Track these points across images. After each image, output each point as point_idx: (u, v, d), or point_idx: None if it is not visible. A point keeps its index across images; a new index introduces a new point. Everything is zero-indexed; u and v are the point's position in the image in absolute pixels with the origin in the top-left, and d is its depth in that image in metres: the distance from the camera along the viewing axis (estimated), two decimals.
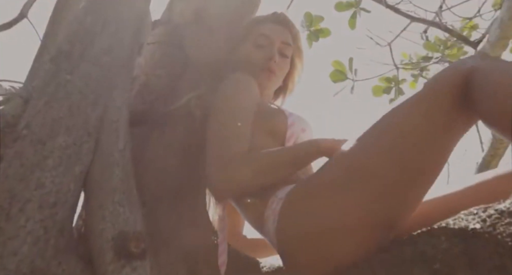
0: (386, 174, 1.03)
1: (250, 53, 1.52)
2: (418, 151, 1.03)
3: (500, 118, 0.93)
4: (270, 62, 1.50)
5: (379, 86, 4.00)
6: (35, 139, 1.08)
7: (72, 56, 1.17)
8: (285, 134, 1.34)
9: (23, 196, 1.02)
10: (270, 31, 1.54)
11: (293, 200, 1.13)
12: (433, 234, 1.02)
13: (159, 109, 1.40)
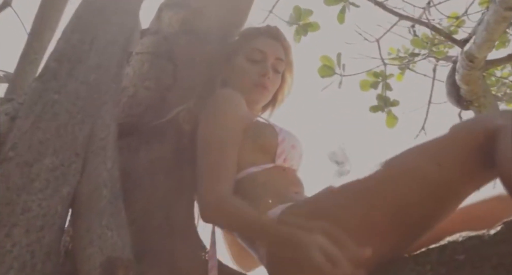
0: (385, 215, 1.04)
1: (244, 67, 1.52)
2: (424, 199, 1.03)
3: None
4: (264, 78, 1.51)
5: (366, 81, 4.02)
6: (22, 161, 1.07)
7: (60, 75, 1.15)
8: (276, 151, 1.34)
9: (9, 221, 1.02)
10: (264, 46, 1.55)
11: (285, 224, 1.13)
12: (419, 262, 1.03)
13: (147, 122, 1.39)
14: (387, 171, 1.07)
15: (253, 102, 1.52)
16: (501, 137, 0.96)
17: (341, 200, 1.10)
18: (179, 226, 1.30)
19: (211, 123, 1.34)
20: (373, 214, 1.05)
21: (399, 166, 1.07)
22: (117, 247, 1.02)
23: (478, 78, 2.91)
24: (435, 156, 1.03)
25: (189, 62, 1.51)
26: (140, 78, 1.47)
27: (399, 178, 1.05)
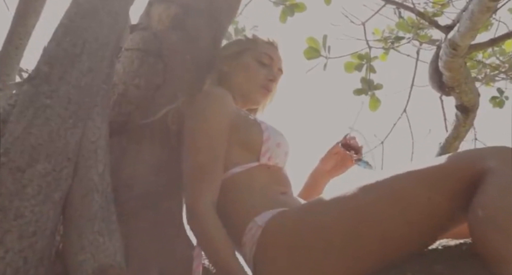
0: (372, 234, 1.08)
1: (253, 67, 1.58)
2: (409, 226, 1.06)
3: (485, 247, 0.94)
4: (270, 82, 1.58)
5: (351, 63, 4.04)
6: (14, 167, 1.07)
7: (51, 79, 1.15)
8: (260, 149, 1.36)
9: (2, 227, 1.03)
10: (273, 54, 1.62)
11: (272, 232, 1.18)
12: (401, 270, 1.08)
13: (137, 121, 1.40)
14: (379, 194, 1.10)
15: (252, 101, 1.58)
16: (485, 181, 0.99)
17: (331, 214, 1.14)
18: (168, 226, 1.33)
19: (197, 123, 1.35)
20: (360, 232, 1.09)
21: (391, 191, 1.10)
22: (109, 253, 1.04)
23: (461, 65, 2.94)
24: (426, 189, 1.06)
25: (179, 60, 1.51)
26: (130, 76, 1.47)
27: (390, 203, 1.08)
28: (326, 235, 1.12)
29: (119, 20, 1.28)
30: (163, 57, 1.50)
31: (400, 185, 1.10)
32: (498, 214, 0.94)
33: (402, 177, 1.12)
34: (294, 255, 1.14)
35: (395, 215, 1.08)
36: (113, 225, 1.12)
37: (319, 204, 1.19)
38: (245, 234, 1.22)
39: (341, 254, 1.10)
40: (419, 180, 1.09)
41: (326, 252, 1.11)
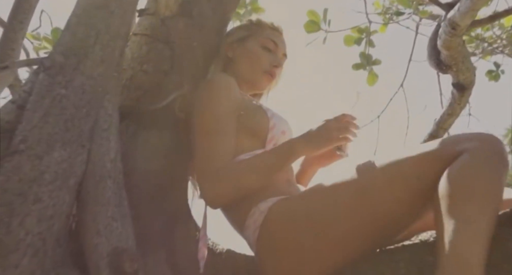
0: (370, 216, 1.17)
1: (258, 53, 1.61)
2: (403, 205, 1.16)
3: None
4: (275, 68, 1.62)
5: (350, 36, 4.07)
6: (32, 154, 1.13)
7: (66, 69, 1.19)
8: (266, 136, 1.42)
9: (22, 211, 1.09)
10: (277, 39, 1.66)
11: (275, 218, 1.26)
12: (393, 259, 1.16)
13: (145, 106, 1.45)
14: (374, 179, 1.18)
15: (256, 86, 1.63)
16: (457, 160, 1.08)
17: (330, 199, 1.22)
18: (175, 209, 1.40)
19: (206, 111, 1.40)
20: (359, 214, 1.17)
21: (385, 174, 1.18)
22: (122, 238, 1.12)
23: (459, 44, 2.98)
24: (415, 169, 1.14)
25: (186, 47, 1.56)
26: (138, 62, 1.52)
27: (384, 185, 1.17)
28: (324, 221, 1.20)
29: (129, 11, 1.32)
30: (170, 44, 1.54)
31: (392, 167, 1.19)
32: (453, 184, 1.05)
33: (395, 160, 1.20)
34: (294, 239, 1.22)
35: (387, 194, 1.17)
36: (125, 210, 1.19)
37: (317, 192, 1.27)
38: (248, 218, 1.30)
39: (337, 237, 1.19)
40: (410, 161, 1.17)
41: (323, 236, 1.19)
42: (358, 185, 1.20)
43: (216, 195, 1.30)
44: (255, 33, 1.65)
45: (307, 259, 1.20)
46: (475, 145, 1.08)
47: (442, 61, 3.08)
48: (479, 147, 1.08)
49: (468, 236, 0.99)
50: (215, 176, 1.29)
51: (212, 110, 1.39)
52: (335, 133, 1.31)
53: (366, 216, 1.17)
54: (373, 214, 1.17)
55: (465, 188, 1.04)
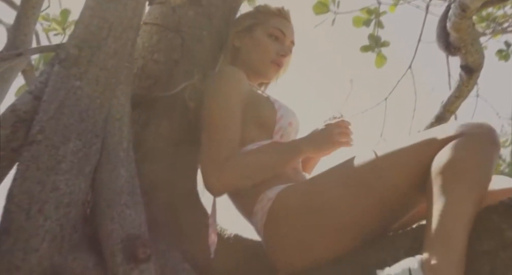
0: (372, 201, 1.23)
1: (265, 42, 1.62)
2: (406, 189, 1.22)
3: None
4: (282, 58, 1.62)
5: (359, 17, 4.05)
6: (50, 144, 1.18)
7: (81, 62, 1.23)
8: (274, 127, 1.47)
9: (41, 198, 1.15)
10: (284, 27, 1.65)
11: (282, 204, 1.31)
12: (394, 246, 1.21)
13: (156, 95, 1.49)
14: (377, 164, 1.24)
15: (263, 76, 1.65)
16: (451, 142, 1.14)
17: (335, 186, 1.27)
18: (185, 196, 1.46)
19: (214, 102, 1.44)
20: (362, 201, 1.22)
21: (387, 160, 1.23)
22: (135, 224, 1.17)
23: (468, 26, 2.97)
24: (418, 155, 1.19)
25: (196, 36, 1.59)
26: (149, 51, 1.55)
27: (388, 170, 1.22)
28: (329, 207, 1.26)
29: (140, 2, 1.35)
30: (181, 33, 1.57)
31: (392, 155, 1.24)
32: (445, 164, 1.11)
33: (394, 149, 1.25)
34: (300, 224, 1.28)
35: (390, 180, 1.22)
36: (138, 197, 1.24)
37: (322, 179, 1.32)
38: (256, 204, 1.35)
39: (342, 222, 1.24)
40: (409, 149, 1.22)
41: (329, 221, 1.25)
42: (361, 173, 1.25)
43: (221, 183, 1.36)
44: (262, 21, 1.65)
45: (313, 243, 1.26)
46: (469, 130, 1.14)
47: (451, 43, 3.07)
48: (473, 132, 1.14)
49: (454, 215, 1.06)
50: (222, 165, 1.34)
51: (220, 102, 1.43)
52: (337, 137, 1.38)
53: (369, 202, 1.22)
54: (375, 200, 1.21)
55: (456, 169, 1.10)
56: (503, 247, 1.05)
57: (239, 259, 1.44)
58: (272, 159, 1.38)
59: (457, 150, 1.12)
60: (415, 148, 1.21)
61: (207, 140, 1.40)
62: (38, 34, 3.28)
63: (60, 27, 3.35)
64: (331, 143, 1.41)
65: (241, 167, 1.36)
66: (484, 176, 1.10)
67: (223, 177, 1.34)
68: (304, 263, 1.27)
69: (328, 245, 1.25)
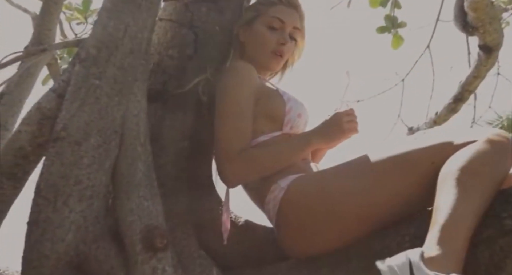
0: (383, 196, 1.28)
1: (263, 34, 1.62)
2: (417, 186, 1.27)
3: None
4: (282, 46, 1.62)
5: None
6: (72, 141, 1.26)
7: (99, 61, 1.30)
8: (283, 119, 1.52)
9: (65, 191, 1.24)
10: (283, 15, 1.64)
11: (294, 193, 1.37)
12: (399, 233, 1.27)
13: (171, 90, 1.55)
14: (391, 161, 1.29)
15: (267, 68, 1.67)
16: (468, 146, 1.19)
17: (346, 178, 1.33)
18: (200, 186, 1.53)
19: (227, 96, 1.50)
20: (372, 194, 1.28)
21: (399, 158, 1.29)
22: (153, 216, 1.25)
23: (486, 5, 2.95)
24: (431, 157, 1.25)
25: (209, 31, 1.63)
26: (163, 47, 1.61)
27: (400, 168, 1.28)
28: (339, 197, 1.32)
29: (154, 3, 1.40)
30: (194, 28, 1.62)
31: (407, 152, 1.29)
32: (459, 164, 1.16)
33: (409, 145, 1.30)
34: (311, 213, 1.34)
35: (402, 178, 1.27)
36: (155, 190, 1.32)
37: (334, 170, 1.39)
38: (269, 194, 1.42)
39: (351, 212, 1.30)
40: (426, 148, 1.27)
41: (338, 210, 1.31)
42: (374, 168, 1.30)
43: (235, 176, 1.44)
44: (262, 12, 1.65)
45: (323, 231, 1.32)
46: (484, 137, 1.19)
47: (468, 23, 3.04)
48: (488, 139, 1.18)
49: (463, 208, 1.10)
50: (235, 158, 1.41)
51: (232, 97, 1.49)
52: (345, 126, 1.43)
53: (380, 196, 1.27)
54: (386, 195, 1.27)
55: (467, 171, 1.15)
56: (502, 234, 1.10)
57: (253, 245, 1.51)
58: (283, 152, 1.45)
59: (470, 155, 1.16)
60: (429, 150, 1.26)
61: (220, 133, 1.47)
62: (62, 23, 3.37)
63: (82, 16, 3.42)
64: (341, 132, 1.46)
65: (253, 160, 1.42)
66: (494, 181, 1.15)
67: (236, 170, 1.42)
68: (314, 250, 1.33)
69: (337, 234, 1.31)
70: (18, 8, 3.24)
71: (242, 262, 1.49)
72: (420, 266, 1.04)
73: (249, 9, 1.72)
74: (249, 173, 1.44)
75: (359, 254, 1.28)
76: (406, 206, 1.28)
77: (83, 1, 3.38)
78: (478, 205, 1.12)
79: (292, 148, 1.46)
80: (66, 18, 3.45)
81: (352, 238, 1.30)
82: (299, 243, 1.36)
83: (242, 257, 1.49)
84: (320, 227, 1.33)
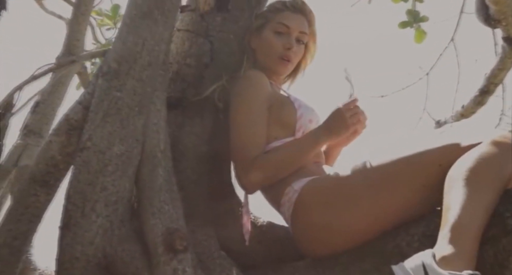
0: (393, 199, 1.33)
1: (270, 40, 1.68)
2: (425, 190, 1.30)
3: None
4: (288, 51, 1.68)
5: None
6: (97, 150, 1.36)
7: (120, 75, 1.39)
8: (295, 126, 1.58)
9: (92, 198, 1.34)
10: (289, 20, 1.69)
11: (307, 195, 1.44)
12: (409, 233, 1.31)
13: (190, 97, 1.63)
14: (397, 164, 1.33)
15: (277, 73, 1.73)
16: (475, 148, 1.22)
17: (358, 180, 1.38)
18: (220, 188, 1.61)
19: (241, 104, 1.57)
20: (385, 197, 1.33)
21: (407, 160, 1.33)
22: (173, 219, 1.33)
23: None
24: (439, 159, 1.29)
25: (224, 40, 1.71)
26: (182, 56, 1.70)
27: (408, 170, 1.32)
28: (351, 198, 1.37)
29: (170, 17, 1.48)
30: (210, 38, 1.70)
31: (415, 155, 1.33)
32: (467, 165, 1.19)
33: (417, 148, 1.34)
34: (324, 213, 1.40)
35: (411, 181, 1.31)
36: (175, 194, 1.40)
37: (345, 172, 1.44)
38: (283, 196, 1.48)
39: (363, 213, 1.35)
40: (434, 151, 1.31)
41: (350, 212, 1.36)
42: (383, 170, 1.35)
43: (252, 183, 1.51)
44: (269, 19, 1.71)
45: (335, 232, 1.38)
46: (491, 138, 1.22)
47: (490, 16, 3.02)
48: (496, 141, 1.21)
49: (473, 207, 1.14)
50: (252, 165, 1.48)
51: (246, 105, 1.56)
52: (348, 120, 1.47)
53: (390, 198, 1.32)
54: (396, 197, 1.31)
55: (475, 172, 1.18)
56: (505, 233, 1.13)
57: (272, 245, 1.58)
58: (294, 154, 1.51)
59: (477, 157, 1.19)
60: (437, 153, 1.30)
61: (235, 142, 1.55)
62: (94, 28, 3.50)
63: (111, 22, 3.54)
64: (345, 127, 1.48)
65: (268, 166, 1.49)
66: (500, 181, 1.18)
67: (252, 179, 1.49)
68: (327, 250, 1.39)
69: (350, 235, 1.36)
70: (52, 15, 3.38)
71: (262, 261, 1.56)
72: (433, 267, 1.07)
73: (258, 17, 1.77)
74: (265, 179, 1.50)
75: (371, 254, 1.33)
76: (415, 207, 1.32)
77: (112, 7, 3.50)
78: (486, 204, 1.15)
79: (302, 148, 1.52)
80: (97, 24, 3.58)
81: (364, 238, 1.35)
82: (313, 243, 1.42)
83: (262, 257, 1.56)
84: (332, 227, 1.38)
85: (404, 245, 1.29)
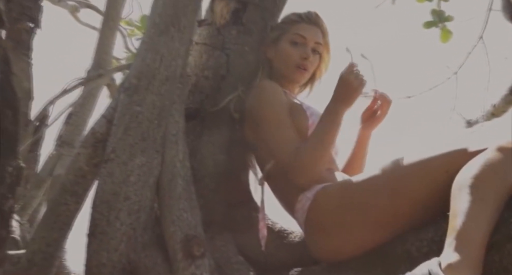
0: (404, 204, 1.36)
1: (287, 50, 1.76)
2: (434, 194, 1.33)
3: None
4: (305, 61, 1.75)
5: None
6: (120, 162, 1.45)
7: (140, 90, 1.48)
8: (307, 133, 1.63)
9: (116, 207, 1.42)
10: (305, 31, 1.77)
11: (319, 202, 1.48)
12: (418, 238, 1.34)
13: (208, 108, 1.71)
14: (406, 170, 1.37)
15: (294, 82, 1.80)
16: (481, 154, 1.24)
17: (370, 186, 1.43)
18: (237, 195, 1.68)
19: (264, 110, 1.62)
20: (395, 203, 1.36)
21: (415, 166, 1.36)
22: (192, 226, 1.41)
23: None
24: (445, 166, 1.31)
25: (239, 52, 1.79)
26: (199, 68, 1.78)
27: (417, 176, 1.35)
28: (363, 205, 1.42)
29: (186, 33, 1.56)
30: (226, 50, 1.78)
31: (422, 161, 1.36)
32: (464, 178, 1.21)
33: (424, 154, 1.37)
34: (337, 220, 1.45)
35: (419, 187, 1.35)
36: (193, 202, 1.47)
37: (357, 179, 1.48)
38: (297, 203, 1.53)
39: (375, 219, 1.40)
40: (441, 157, 1.34)
41: (363, 218, 1.41)
42: (392, 178, 1.39)
43: (303, 170, 1.52)
44: (286, 30, 1.78)
45: (347, 238, 1.43)
46: (497, 144, 1.24)
47: None
48: (501, 146, 1.23)
49: (478, 215, 1.16)
50: (296, 155, 1.51)
51: (270, 109, 1.62)
52: (355, 83, 1.50)
53: (399, 205, 1.35)
54: (405, 203, 1.35)
55: (483, 177, 1.20)
56: (509, 239, 1.15)
57: (289, 250, 1.63)
58: (326, 133, 1.53)
59: (482, 163, 1.21)
60: (443, 159, 1.33)
61: (273, 143, 1.58)
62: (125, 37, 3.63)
63: (141, 32, 3.65)
64: (354, 90, 1.51)
65: (310, 150, 1.51)
66: (506, 188, 1.19)
67: (301, 164, 1.51)
68: (340, 256, 1.44)
69: (361, 240, 1.41)
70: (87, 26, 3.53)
71: (280, 266, 1.61)
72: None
73: (274, 29, 1.85)
74: (312, 163, 1.51)
75: (381, 259, 1.37)
76: (424, 213, 1.35)
77: (140, 18, 3.61)
78: (492, 212, 1.17)
79: (328, 125, 1.53)
80: (128, 34, 3.70)
81: (375, 243, 1.39)
82: (326, 249, 1.47)
83: (279, 261, 1.62)
84: (344, 234, 1.43)
85: (414, 250, 1.32)
